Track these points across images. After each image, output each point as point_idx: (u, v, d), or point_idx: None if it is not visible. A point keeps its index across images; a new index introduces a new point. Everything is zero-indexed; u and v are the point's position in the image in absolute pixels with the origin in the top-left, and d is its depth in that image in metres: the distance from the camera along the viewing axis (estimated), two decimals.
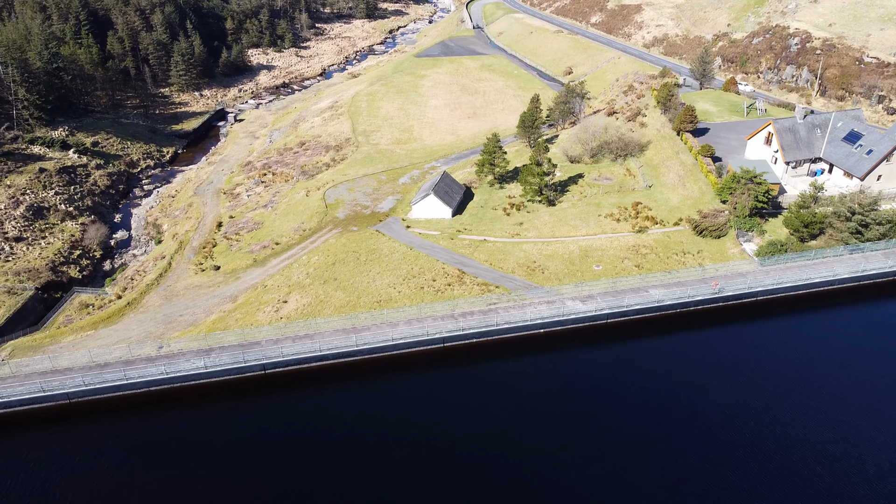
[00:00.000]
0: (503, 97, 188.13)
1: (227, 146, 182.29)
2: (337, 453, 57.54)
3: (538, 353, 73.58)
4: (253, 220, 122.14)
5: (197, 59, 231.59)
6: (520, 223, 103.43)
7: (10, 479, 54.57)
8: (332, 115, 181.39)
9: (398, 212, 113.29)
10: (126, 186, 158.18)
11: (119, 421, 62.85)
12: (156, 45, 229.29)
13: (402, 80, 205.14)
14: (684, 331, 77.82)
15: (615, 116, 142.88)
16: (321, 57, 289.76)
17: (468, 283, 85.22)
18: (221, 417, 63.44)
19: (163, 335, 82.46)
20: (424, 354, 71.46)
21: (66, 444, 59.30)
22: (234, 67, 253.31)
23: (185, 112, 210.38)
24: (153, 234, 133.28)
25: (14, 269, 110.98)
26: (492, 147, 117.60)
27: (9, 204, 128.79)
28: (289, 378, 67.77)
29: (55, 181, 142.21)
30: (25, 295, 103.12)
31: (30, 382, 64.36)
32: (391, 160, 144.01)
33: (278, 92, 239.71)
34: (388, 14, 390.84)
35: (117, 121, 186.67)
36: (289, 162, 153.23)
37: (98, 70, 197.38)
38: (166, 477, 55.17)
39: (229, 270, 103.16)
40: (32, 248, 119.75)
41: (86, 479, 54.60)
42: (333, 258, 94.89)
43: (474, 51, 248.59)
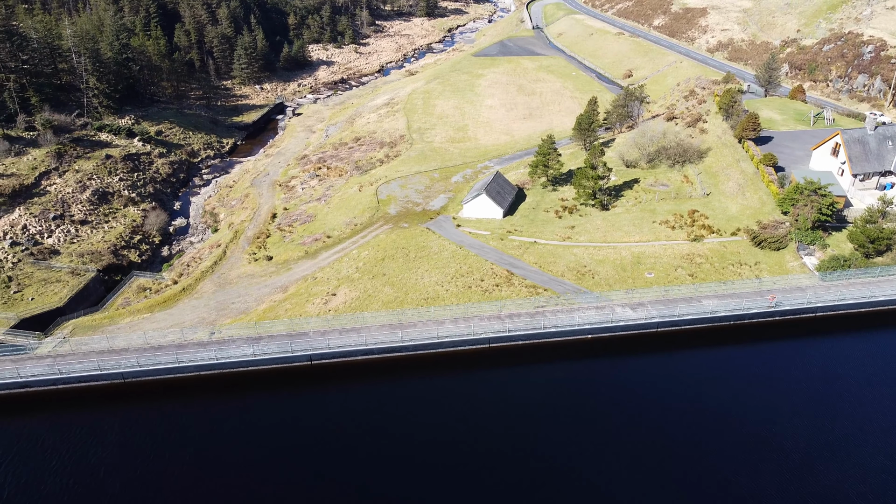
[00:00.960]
0: (560, 99, 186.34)
1: (284, 139, 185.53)
2: (378, 446, 57.82)
3: (585, 358, 72.52)
4: (306, 213, 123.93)
5: (259, 53, 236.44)
6: (571, 226, 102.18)
7: (66, 450, 56.54)
8: (387, 111, 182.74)
9: (449, 210, 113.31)
10: (186, 175, 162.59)
11: (170, 402, 64.50)
12: (220, 39, 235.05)
13: (459, 79, 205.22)
14: (737, 344, 75.55)
15: (674, 121, 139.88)
16: (380, 54, 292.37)
17: (516, 285, 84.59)
18: (268, 405, 64.48)
19: (215, 321, 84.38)
20: (469, 354, 71.21)
21: (119, 422, 61.13)
22: (295, 62, 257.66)
23: (245, 105, 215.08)
24: (210, 223, 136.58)
25: (78, 251, 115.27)
26: (546, 148, 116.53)
27: (76, 188, 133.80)
28: (334, 370, 68.45)
29: (120, 168, 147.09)
30: (88, 276, 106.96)
31: (88, 360, 66.57)
32: (444, 158, 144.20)
33: (336, 87, 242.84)
34: (447, 13, 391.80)
35: (181, 111, 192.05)
36: (343, 157, 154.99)
37: (165, 61, 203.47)
38: (212, 458, 56.35)
39: (281, 261, 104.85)
40: (96, 232, 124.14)
41: (137, 455, 56.20)
42: (383, 254, 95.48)
43: (533, 51, 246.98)
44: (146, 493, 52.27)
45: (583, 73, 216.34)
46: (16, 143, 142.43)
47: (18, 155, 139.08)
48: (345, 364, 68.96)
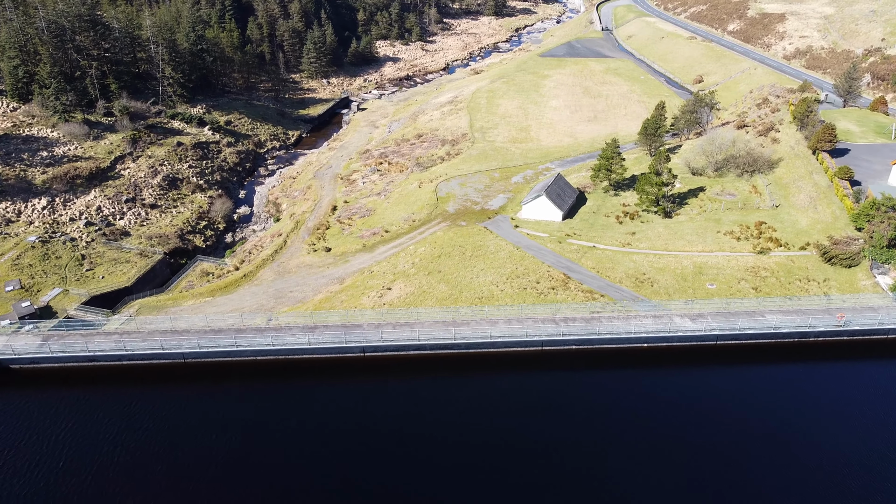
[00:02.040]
0: (626, 102, 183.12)
1: (347, 133, 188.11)
2: (426, 439, 57.98)
3: (640, 367, 71.06)
4: (366, 207, 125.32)
5: (328, 47, 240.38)
6: (632, 233, 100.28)
7: (124, 423, 58.67)
8: (451, 109, 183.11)
9: (508, 210, 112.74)
10: (252, 165, 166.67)
11: (227, 384, 66.17)
12: (291, 33, 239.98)
13: (524, 79, 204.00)
14: (801, 362, 72.76)
15: (745, 130, 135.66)
16: (446, 52, 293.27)
17: (572, 289, 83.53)
18: (320, 392, 65.45)
19: (273, 308, 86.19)
20: (521, 355, 70.70)
21: (177, 401, 63.08)
22: (362, 58, 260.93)
23: (311, 98, 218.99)
24: (272, 212, 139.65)
25: (147, 234, 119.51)
26: (610, 152, 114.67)
27: (148, 173, 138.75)
28: (386, 363, 68.99)
29: (190, 155, 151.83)
30: (155, 258, 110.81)
31: (151, 339, 68.92)
32: (505, 158, 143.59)
33: (401, 84, 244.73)
34: (515, 12, 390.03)
35: (250, 102, 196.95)
36: (405, 153, 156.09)
37: (237, 54, 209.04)
38: (265, 439, 57.52)
39: (339, 253, 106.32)
40: (164, 216, 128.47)
41: (195, 433, 57.88)
42: (440, 251, 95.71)
43: (600, 53, 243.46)
44: (195, 471, 53.73)
45: (651, 77, 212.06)
46: (95, 128, 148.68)
47: (97, 139, 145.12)
48: (397, 358, 69.42)
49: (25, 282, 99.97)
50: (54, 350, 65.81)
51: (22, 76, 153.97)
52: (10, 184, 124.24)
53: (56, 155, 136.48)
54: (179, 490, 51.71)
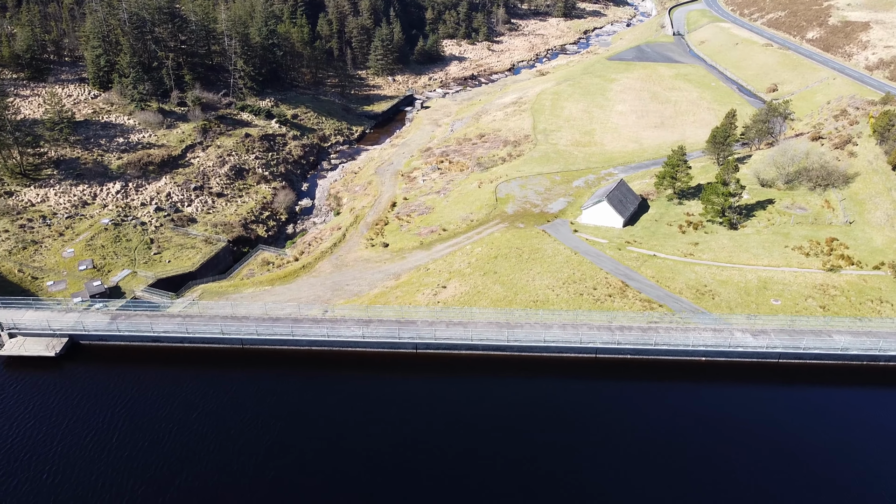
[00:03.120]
0: (696, 109, 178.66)
1: (410, 131, 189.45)
2: (474, 438, 57.86)
3: (697, 381, 69.20)
4: (425, 205, 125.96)
5: (395, 45, 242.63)
6: (695, 243, 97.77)
7: (185, 403, 60.53)
8: (514, 110, 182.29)
9: (567, 214, 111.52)
10: (316, 158, 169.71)
11: (281, 372, 67.51)
12: (359, 30, 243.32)
13: (590, 82, 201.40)
14: (869, 386, 69.50)
15: (820, 142, 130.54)
16: (512, 52, 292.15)
17: (630, 298, 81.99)
18: (372, 386, 66.09)
19: (329, 300, 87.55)
20: (574, 362, 69.80)
21: (235, 384, 64.73)
22: (428, 56, 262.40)
23: (376, 95, 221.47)
24: (333, 206, 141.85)
25: (213, 221, 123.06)
26: (676, 160, 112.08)
27: (216, 162, 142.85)
28: (438, 361, 69.15)
29: (257, 146, 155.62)
30: (219, 245, 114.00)
31: (212, 324, 70.86)
32: (567, 161, 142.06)
33: (466, 83, 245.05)
34: (585, 14, 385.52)
35: (316, 97, 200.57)
36: (466, 152, 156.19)
37: (306, 49, 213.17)
38: (314, 428, 58.44)
39: (396, 249, 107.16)
40: (230, 205, 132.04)
41: (248, 417, 59.27)
42: (496, 252, 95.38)
43: (671, 58, 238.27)
44: (243, 455, 54.95)
45: (723, 84, 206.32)
46: (168, 117, 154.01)
47: (169, 128, 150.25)
48: (449, 356, 69.50)
49: (97, 262, 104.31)
50: (121, 329, 68.38)
51: (103, 65, 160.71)
52: (87, 168, 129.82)
53: (131, 141, 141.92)
54: (225, 471, 52.99)
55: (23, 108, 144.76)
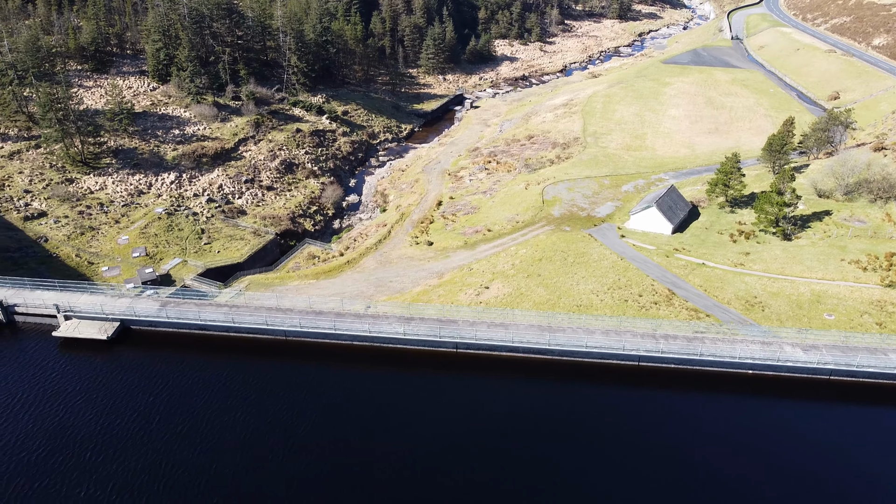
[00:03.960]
0: (752, 115, 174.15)
1: (459, 130, 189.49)
2: (511, 442, 57.52)
3: (742, 394, 67.38)
4: (470, 204, 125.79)
5: (446, 44, 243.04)
6: (746, 253, 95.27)
7: (228, 390, 61.74)
8: (564, 112, 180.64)
9: (615, 219, 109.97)
10: (364, 155, 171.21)
11: (323, 365, 68.27)
12: (412, 28, 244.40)
13: (644, 86, 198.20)
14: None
15: (883, 153, 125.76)
16: (564, 53, 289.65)
17: (676, 306, 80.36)
18: (412, 382, 66.30)
19: (372, 296, 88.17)
20: (616, 369, 68.75)
21: (278, 374, 65.75)
22: (479, 56, 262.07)
23: (426, 93, 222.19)
24: (380, 203, 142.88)
25: (262, 214, 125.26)
26: (729, 167, 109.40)
27: (267, 156, 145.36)
28: (478, 361, 68.96)
29: (307, 142, 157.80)
30: (267, 238, 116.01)
31: (257, 314, 72.07)
32: (617, 165, 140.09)
33: (516, 84, 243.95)
34: (640, 16, 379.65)
35: (367, 94, 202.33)
36: (514, 153, 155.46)
37: (359, 46, 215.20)
38: (357, 422, 58.91)
39: (441, 248, 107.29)
40: (279, 198, 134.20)
41: (288, 406, 60.11)
42: (541, 254, 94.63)
43: (728, 62, 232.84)
44: (281, 443, 55.68)
45: (781, 91, 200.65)
46: (223, 111, 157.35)
47: (223, 121, 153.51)
48: (488, 357, 69.24)
49: (150, 250, 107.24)
50: (170, 316, 70.08)
51: (163, 59, 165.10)
52: (144, 158, 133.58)
53: (186, 134, 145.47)
54: (259, 459, 53.79)
55: (86, 98, 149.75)
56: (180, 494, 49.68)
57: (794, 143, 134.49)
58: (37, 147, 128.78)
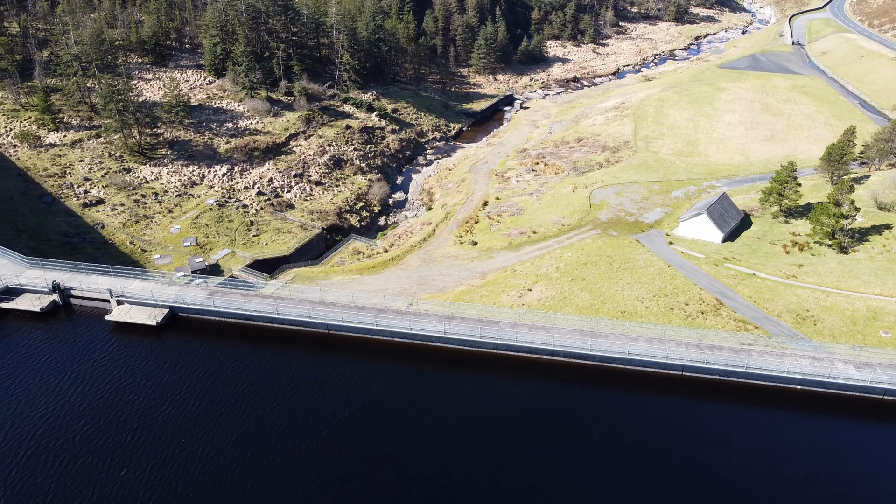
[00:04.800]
0: (811, 124, 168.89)
1: (507, 131, 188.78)
2: (548, 449, 56.99)
3: (788, 409, 65.34)
4: (516, 206, 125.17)
5: (498, 44, 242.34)
6: (799, 265, 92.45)
7: (270, 379, 62.73)
8: (615, 115, 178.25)
9: (663, 225, 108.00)
10: (412, 153, 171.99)
11: (363, 359, 68.73)
12: (464, 28, 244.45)
13: (698, 90, 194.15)
14: None
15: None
16: (617, 56, 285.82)
17: (724, 316, 78.47)
18: (452, 382, 66.21)
19: (414, 294, 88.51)
20: (658, 378, 67.44)
21: (320, 366, 66.51)
22: (531, 56, 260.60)
23: (476, 93, 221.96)
24: (425, 201, 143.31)
25: (309, 208, 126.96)
26: (785, 176, 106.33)
27: (317, 152, 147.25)
28: (517, 363, 68.50)
29: (356, 138, 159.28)
30: (313, 232, 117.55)
31: (301, 307, 72.93)
32: (667, 171, 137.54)
33: (567, 85, 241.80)
34: (697, 19, 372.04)
35: (417, 93, 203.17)
36: (563, 155, 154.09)
37: (411, 45, 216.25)
38: (392, 418, 59.17)
39: (485, 248, 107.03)
40: (326, 193, 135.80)
41: (328, 398, 60.74)
42: (586, 258, 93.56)
43: (787, 68, 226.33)
44: (320, 433, 56.28)
45: (843, 99, 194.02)
46: (275, 105, 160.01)
47: (276, 116, 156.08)
48: (529, 360, 68.70)
49: (201, 239, 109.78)
50: (217, 305, 71.48)
51: (219, 53, 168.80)
52: (198, 150, 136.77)
53: (239, 127, 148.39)
54: (295, 448, 54.44)
55: (145, 90, 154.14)
56: (216, 478, 50.62)
57: (855, 153, 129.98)
58: (97, 136, 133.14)
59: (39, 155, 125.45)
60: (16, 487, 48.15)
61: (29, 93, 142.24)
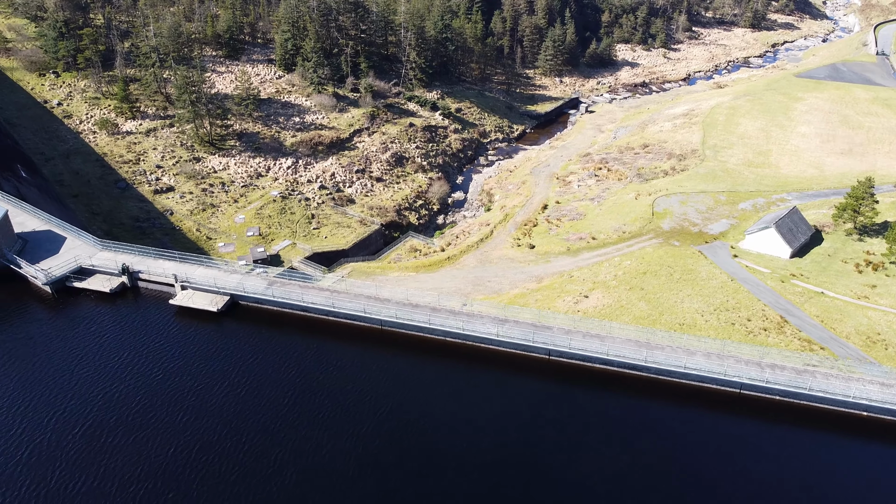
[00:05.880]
0: (893, 138, 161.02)
1: (571, 134, 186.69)
2: (596, 462, 56.06)
3: (853, 436, 62.48)
4: (577, 210, 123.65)
5: (566, 46, 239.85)
6: (872, 285, 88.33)
7: (322, 370, 63.69)
8: (684, 122, 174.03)
9: (728, 238, 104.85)
10: (473, 153, 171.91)
11: (415, 357, 69.07)
12: (532, 29, 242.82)
13: (772, 100, 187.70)
14: None
15: None
16: (689, 61, 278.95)
17: (788, 335, 75.63)
18: (503, 385, 65.83)
19: (468, 294, 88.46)
20: (714, 394, 65.44)
21: (372, 361, 67.09)
22: (599, 59, 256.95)
23: (541, 95, 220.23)
24: (484, 202, 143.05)
25: (369, 204, 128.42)
26: (861, 191, 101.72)
27: (379, 148, 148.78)
28: (570, 370, 67.60)
29: (419, 136, 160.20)
30: (372, 228, 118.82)
31: (356, 302, 73.74)
32: (736, 181, 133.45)
33: (635, 90, 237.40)
34: (775, 26, 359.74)
35: (481, 93, 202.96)
36: (627, 161, 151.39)
37: (478, 45, 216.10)
38: (449, 418, 59.25)
39: (542, 252, 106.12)
40: (387, 190, 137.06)
41: (377, 394, 61.27)
42: (646, 267, 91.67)
43: (870, 80, 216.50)
44: (374, 427, 56.77)
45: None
46: (341, 101, 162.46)
47: (341, 112, 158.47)
48: (581, 368, 67.71)
49: (263, 230, 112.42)
50: (275, 295, 72.98)
51: (290, 49, 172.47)
52: (265, 142, 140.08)
53: (306, 122, 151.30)
54: (340, 435, 55.03)
55: (217, 83, 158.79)
56: (259, 462, 51.72)
57: None
58: (170, 126, 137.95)
59: (116, 142, 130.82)
60: (76, 457, 50.41)
61: (110, 82, 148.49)
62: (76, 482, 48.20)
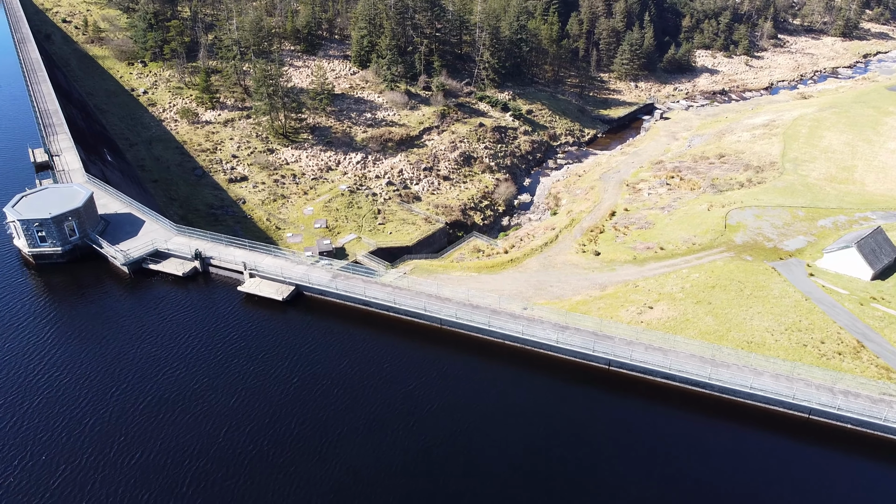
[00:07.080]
0: None
1: (643, 140, 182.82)
2: (658, 480, 54.72)
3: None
4: (645, 219, 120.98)
5: (643, 50, 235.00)
6: None
7: (376, 363, 64.38)
8: (763, 133, 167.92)
9: (805, 255, 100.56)
10: (542, 156, 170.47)
11: (473, 358, 68.97)
12: (609, 32, 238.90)
13: (861, 113, 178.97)
14: None
15: None
16: (772, 70, 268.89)
17: (864, 361, 71.94)
18: (563, 394, 65.07)
19: (530, 298, 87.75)
20: (782, 417, 62.87)
21: (434, 362, 67.43)
22: (677, 65, 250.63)
23: (615, 99, 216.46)
24: (551, 205, 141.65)
25: (435, 202, 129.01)
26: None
27: (448, 147, 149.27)
28: (629, 382, 66.23)
29: (488, 137, 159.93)
30: (437, 226, 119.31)
31: (417, 299, 74.23)
32: (816, 197, 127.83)
33: (713, 98, 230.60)
34: (868, 36, 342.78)
35: (553, 95, 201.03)
36: (701, 171, 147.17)
37: (553, 46, 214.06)
38: (499, 422, 59.05)
39: (607, 260, 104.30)
40: (453, 189, 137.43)
41: (442, 396, 61.52)
42: (715, 281, 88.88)
43: None
44: (430, 425, 56.96)
45: None
46: (413, 99, 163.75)
47: (412, 109, 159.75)
48: (642, 381, 66.21)
49: (330, 223, 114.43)
50: (339, 288, 74.21)
51: (366, 45, 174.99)
52: (337, 137, 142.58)
53: (377, 118, 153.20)
54: (382, 428, 55.39)
55: (294, 76, 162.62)
56: (304, 450, 52.58)
57: None
58: (247, 117, 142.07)
59: (196, 130, 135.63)
60: (135, 431, 52.58)
61: (193, 73, 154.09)
62: (134, 454, 50.34)
